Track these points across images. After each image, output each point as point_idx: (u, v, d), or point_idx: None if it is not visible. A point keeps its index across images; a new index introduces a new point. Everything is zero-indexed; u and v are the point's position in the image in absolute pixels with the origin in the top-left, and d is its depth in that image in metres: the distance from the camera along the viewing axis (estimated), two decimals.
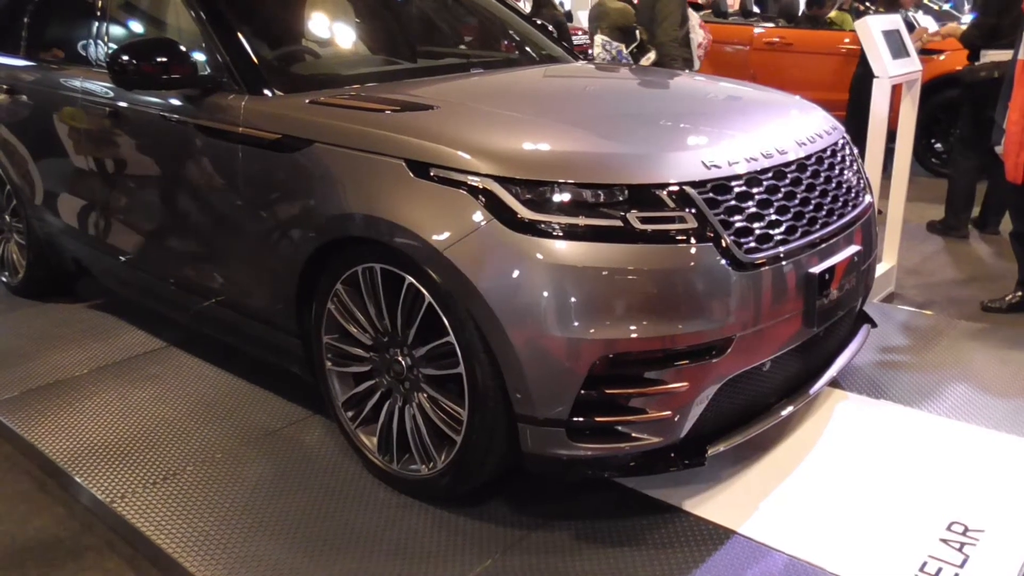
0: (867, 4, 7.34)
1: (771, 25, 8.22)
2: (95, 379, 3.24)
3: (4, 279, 4.28)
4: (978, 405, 2.86)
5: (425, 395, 2.29)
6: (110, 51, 3.24)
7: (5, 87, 3.88)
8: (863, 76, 4.89)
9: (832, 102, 5.61)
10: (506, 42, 3.68)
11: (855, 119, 5.20)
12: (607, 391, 2.04)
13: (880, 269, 4.02)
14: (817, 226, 2.33)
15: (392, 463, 2.40)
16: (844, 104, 5.90)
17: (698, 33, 5.34)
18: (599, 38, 6.90)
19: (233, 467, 2.60)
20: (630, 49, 5.53)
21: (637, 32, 5.48)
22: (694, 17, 5.40)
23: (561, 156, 2.15)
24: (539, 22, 3.84)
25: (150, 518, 2.35)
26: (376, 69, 3.11)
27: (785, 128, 2.49)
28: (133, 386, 3.16)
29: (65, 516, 2.52)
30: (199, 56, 2.77)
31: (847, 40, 7.12)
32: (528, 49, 3.58)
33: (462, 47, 3.72)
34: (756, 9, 10.32)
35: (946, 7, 9.75)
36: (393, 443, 2.39)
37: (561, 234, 2.00)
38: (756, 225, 2.15)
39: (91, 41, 3.42)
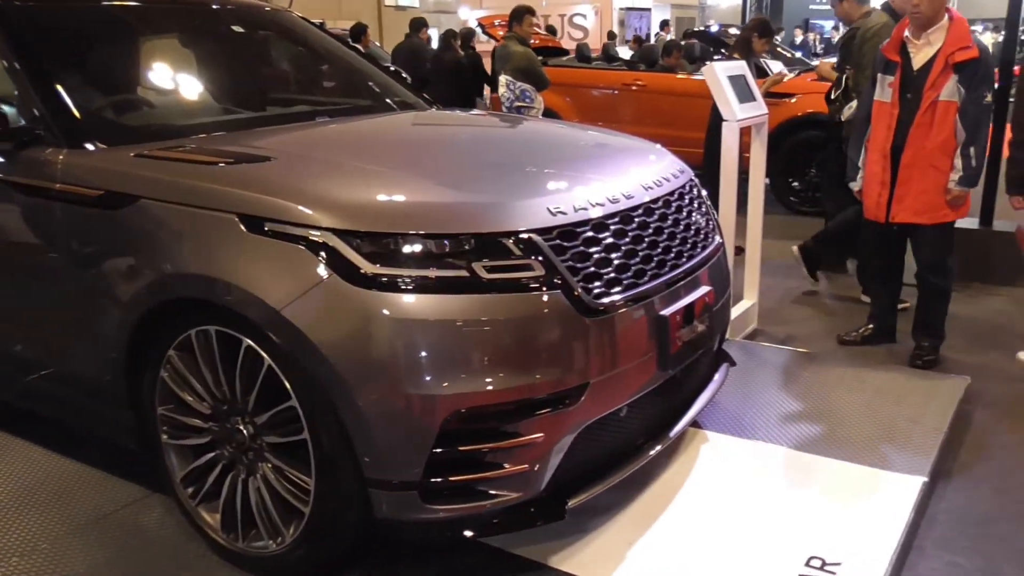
0: (723, 51, 7.72)
1: (632, 70, 8.57)
2: None
3: None
4: (834, 438, 2.93)
5: (270, 465, 2.13)
6: None
7: None
8: (715, 120, 5.03)
9: (686, 139, 5.86)
10: (358, 89, 3.58)
11: (711, 161, 5.28)
12: (460, 448, 1.95)
13: (742, 307, 4.11)
14: (666, 269, 2.33)
15: (237, 541, 2.22)
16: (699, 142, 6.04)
17: None
18: (503, 77, 6.94)
19: (60, 558, 2.34)
20: (835, 95, 4.79)
21: (844, 78, 4.79)
22: None
23: (403, 206, 2.08)
24: (393, 68, 3.78)
25: None
26: (214, 119, 2.94)
27: (632, 173, 2.50)
28: None
29: None
30: (10, 107, 2.55)
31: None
32: (382, 96, 3.50)
33: (313, 95, 3.61)
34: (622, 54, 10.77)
35: (798, 55, 10.43)
36: (238, 519, 2.21)
37: (406, 287, 1.92)
38: (604, 270, 2.13)
39: None
